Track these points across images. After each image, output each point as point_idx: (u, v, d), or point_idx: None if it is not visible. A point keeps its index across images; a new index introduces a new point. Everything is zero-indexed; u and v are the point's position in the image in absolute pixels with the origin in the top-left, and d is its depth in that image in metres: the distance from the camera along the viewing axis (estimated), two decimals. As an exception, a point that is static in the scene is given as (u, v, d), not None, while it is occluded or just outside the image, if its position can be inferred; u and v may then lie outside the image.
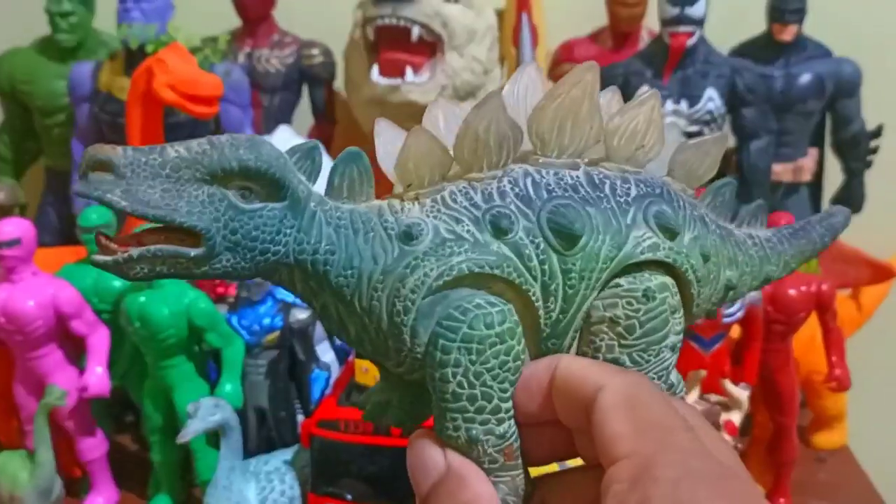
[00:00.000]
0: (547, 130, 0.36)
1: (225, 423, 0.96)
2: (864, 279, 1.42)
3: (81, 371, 1.06)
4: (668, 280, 0.37)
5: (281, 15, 1.51)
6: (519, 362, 0.35)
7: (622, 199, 0.37)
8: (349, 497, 0.94)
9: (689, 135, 1.28)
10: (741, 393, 1.07)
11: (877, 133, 1.41)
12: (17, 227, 1.02)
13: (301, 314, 1.09)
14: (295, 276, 0.35)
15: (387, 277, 0.34)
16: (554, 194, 0.36)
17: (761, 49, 1.36)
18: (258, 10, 1.47)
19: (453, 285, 0.35)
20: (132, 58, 1.24)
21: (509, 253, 0.35)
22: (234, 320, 1.06)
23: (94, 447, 1.10)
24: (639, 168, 0.38)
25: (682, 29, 1.25)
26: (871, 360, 1.36)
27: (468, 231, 0.35)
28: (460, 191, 0.36)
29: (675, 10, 1.24)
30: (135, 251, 0.32)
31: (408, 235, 0.35)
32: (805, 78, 1.33)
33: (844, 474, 1.26)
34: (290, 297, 1.09)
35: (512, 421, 0.35)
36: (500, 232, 0.35)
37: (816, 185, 1.44)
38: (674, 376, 0.39)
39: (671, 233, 0.37)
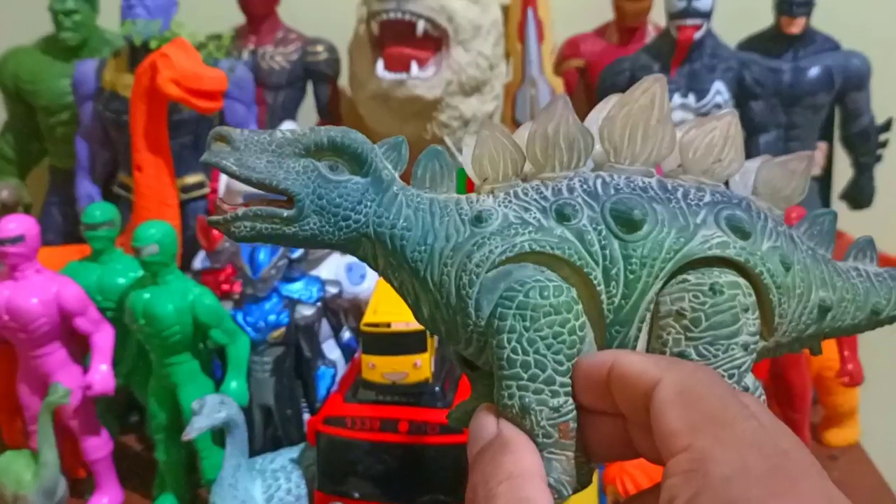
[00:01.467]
0: (618, 138, 0.38)
1: (230, 421, 0.95)
2: (875, 274, 1.40)
3: (86, 369, 1.05)
4: (741, 280, 0.38)
5: (285, 12, 1.50)
6: (575, 337, 0.36)
7: (693, 203, 0.38)
8: (356, 495, 0.93)
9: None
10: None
11: (886, 127, 1.40)
12: (21, 224, 1.01)
13: (307, 311, 1.08)
14: (377, 250, 0.39)
15: (456, 253, 0.38)
16: (621, 192, 0.38)
17: (769, 42, 1.35)
18: (262, 8, 1.46)
19: (516, 262, 0.37)
20: (136, 54, 1.23)
21: (571, 237, 0.37)
22: (240, 317, 1.05)
23: (98, 447, 1.09)
24: (717, 182, 0.40)
25: (690, 22, 1.24)
26: (882, 356, 1.35)
27: (535, 218, 0.38)
28: (532, 187, 0.39)
29: (682, 3, 1.23)
30: (240, 210, 0.37)
31: (478, 219, 0.38)
32: (814, 71, 1.32)
33: (857, 472, 1.24)
34: (295, 294, 1.08)
35: (569, 399, 0.36)
36: (563, 218, 0.37)
37: (825, 179, 1.43)
38: (749, 380, 0.39)
39: (743, 233, 0.38)
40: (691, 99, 1.26)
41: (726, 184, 0.41)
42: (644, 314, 0.37)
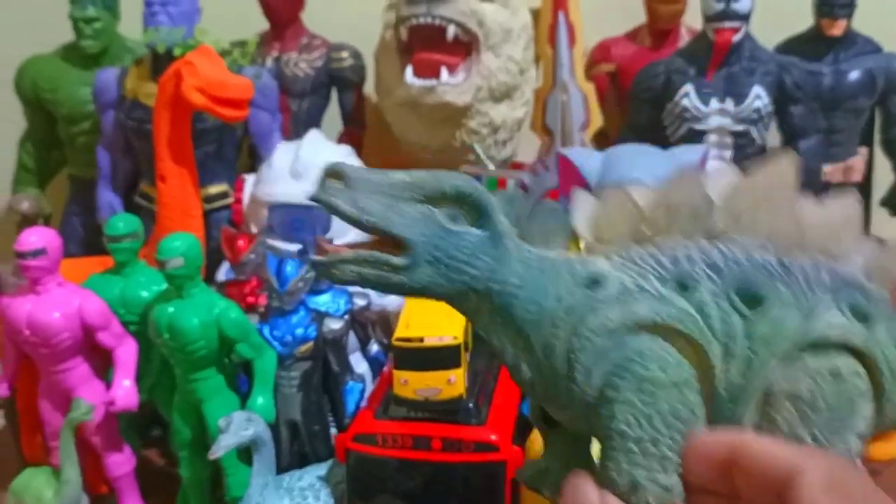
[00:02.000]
0: (741, 210, 0.38)
1: (257, 438, 0.92)
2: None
3: (108, 384, 1.03)
4: (860, 367, 0.37)
5: (308, 17, 1.48)
6: (692, 416, 0.35)
7: (814, 283, 0.38)
8: (386, 514, 0.90)
9: (735, 134, 1.23)
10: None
11: (928, 131, 1.36)
12: (42, 237, 0.99)
13: (335, 324, 1.05)
14: (482, 306, 0.37)
15: (568, 316, 0.36)
16: (744, 267, 0.37)
17: (809, 45, 1.31)
18: (286, 13, 1.44)
19: (633, 332, 0.36)
20: (159, 62, 1.22)
21: (691, 309, 0.36)
22: (266, 331, 1.03)
23: (121, 463, 1.07)
24: (832, 259, 0.39)
25: (728, 25, 1.21)
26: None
27: (653, 286, 0.37)
28: (650, 254, 0.38)
29: (720, 6, 1.20)
30: (347, 253, 0.35)
31: (593, 282, 0.37)
32: (854, 74, 1.29)
33: (902, 488, 1.21)
34: (322, 307, 1.06)
35: (678, 477, 0.34)
36: (683, 289, 0.37)
37: (865, 185, 1.39)
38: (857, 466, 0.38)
39: (863, 317, 0.38)
40: (729, 104, 1.22)
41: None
42: (757, 393, 0.37)
